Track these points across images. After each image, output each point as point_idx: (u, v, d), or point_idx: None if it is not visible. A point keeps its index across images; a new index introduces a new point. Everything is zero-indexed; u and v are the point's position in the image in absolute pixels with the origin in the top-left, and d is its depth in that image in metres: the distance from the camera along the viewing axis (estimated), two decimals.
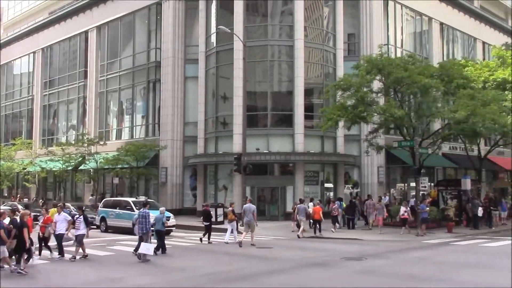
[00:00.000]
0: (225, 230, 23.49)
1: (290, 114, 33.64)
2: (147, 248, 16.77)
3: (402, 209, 26.22)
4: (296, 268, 15.64)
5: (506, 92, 30.46)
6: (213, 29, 35.91)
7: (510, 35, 49.62)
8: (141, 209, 17.99)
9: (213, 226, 28.50)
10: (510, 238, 24.57)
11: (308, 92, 34.63)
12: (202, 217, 24.13)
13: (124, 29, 42.92)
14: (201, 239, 22.49)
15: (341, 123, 29.00)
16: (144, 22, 41.62)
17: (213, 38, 36.41)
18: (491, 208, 30.43)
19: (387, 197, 32.67)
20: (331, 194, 34.71)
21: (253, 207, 22.23)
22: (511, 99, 29.91)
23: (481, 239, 24.38)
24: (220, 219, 29.22)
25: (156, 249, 18.06)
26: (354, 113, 26.99)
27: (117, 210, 28.12)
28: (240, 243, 21.14)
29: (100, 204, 30.67)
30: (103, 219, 28.79)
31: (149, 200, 24.86)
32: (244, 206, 22.57)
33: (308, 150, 33.36)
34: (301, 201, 26.85)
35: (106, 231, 28.27)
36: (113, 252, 19.54)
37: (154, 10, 40.34)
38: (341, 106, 27.54)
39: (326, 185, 35.10)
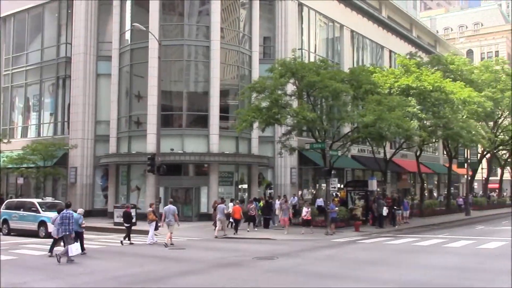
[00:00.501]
0: (138, 232, 23.06)
1: (206, 114, 33.61)
2: (76, 248, 16.67)
3: (304, 210, 26.71)
4: (209, 268, 15.65)
5: (410, 98, 32.35)
6: (128, 26, 35.09)
7: (414, 45, 52.79)
8: (64, 210, 17.35)
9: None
10: (411, 236, 26.16)
11: (223, 93, 34.78)
12: (122, 219, 23.64)
13: (32, 21, 40.83)
14: (121, 242, 22.13)
15: (255, 125, 29.41)
16: (54, 15, 39.82)
17: (128, 35, 35.57)
18: (395, 207, 32.18)
19: (295, 198, 33.48)
20: (245, 194, 35.12)
21: (174, 208, 22.38)
22: (414, 104, 31.85)
23: (386, 237, 25.71)
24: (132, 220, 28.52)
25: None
26: (268, 115, 27.48)
27: (21, 212, 26.75)
28: (166, 244, 21.27)
29: (2, 206, 28.95)
30: (5, 221, 27.32)
31: (56, 201, 23.84)
32: (165, 207, 22.74)
33: (223, 151, 33.50)
34: (223, 201, 27.36)
35: (8, 234, 26.83)
36: (16, 256, 18.51)
37: (65, 4, 38.75)
38: (256, 108, 27.93)
39: (241, 186, 35.44)
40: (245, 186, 35.72)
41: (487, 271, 15.13)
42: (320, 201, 33.33)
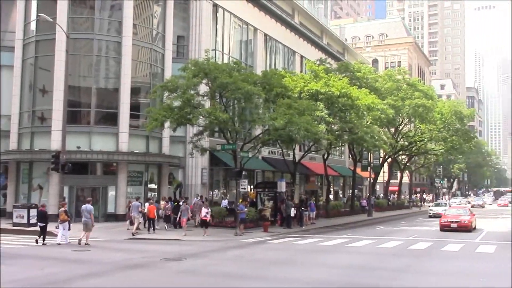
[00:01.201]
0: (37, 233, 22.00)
1: (115, 112, 32.66)
2: None
3: (204, 210, 26.19)
4: (114, 270, 15.23)
5: (318, 102, 33.49)
6: (34, 16, 33.27)
7: (324, 52, 54.66)
8: None
9: (26, 228, 26.53)
10: (317, 236, 27.05)
11: (135, 91, 33.99)
12: (36, 218, 23.39)
13: None
14: (36, 241, 21.71)
15: (167, 124, 29.04)
16: None
17: (33, 26, 33.75)
18: (302, 208, 33.13)
19: (196, 199, 33.10)
20: (155, 194, 34.54)
21: (91, 207, 22.20)
22: (322, 109, 33.02)
23: (293, 237, 26.40)
24: (33, 220, 27.09)
25: None
26: (180, 114, 27.22)
27: None
28: (79, 241, 21.10)
29: None
30: None
31: None
32: (82, 206, 22.59)
33: (132, 150, 32.73)
34: (137, 199, 27.56)
35: None
36: None
37: None
38: (168, 107, 27.58)
39: (150, 185, 34.81)
40: (155, 186, 35.14)
41: (386, 269, 16.02)
42: (225, 202, 33.47)
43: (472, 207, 66.96)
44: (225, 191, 39.98)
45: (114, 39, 33.13)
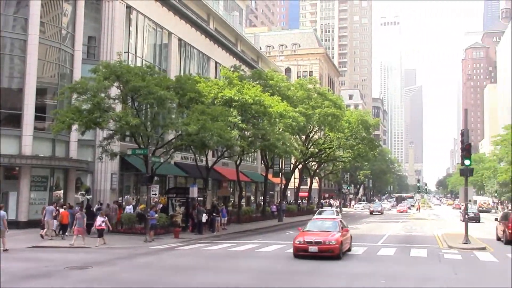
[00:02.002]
0: None
1: (19, 113, 30.94)
2: None
3: (99, 219, 24.22)
4: (15, 281, 14.42)
5: (232, 109, 33.79)
6: None
7: (239, 59, 55.25)
8: None
9: None
10: (228, 241, 27.21)
11: (41, 92, 32.39)
12: None
13: None
14: None
15: (74, 127, 27.98)
16: None
17: None
18: (214, 214, 33.19)
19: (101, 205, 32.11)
20: (61, 200, 33.06)
21: (3, 213, 21.46)
22: (236, 115, 33.35)
23: (204, 243, 26.39)
24: None
25: None
26: (89, 118, 26.32)
27: None
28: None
29: None
30: None
31: None
32: None
33: (37, 153, 31.13)
34: (55, 204, 27.49)
35: None
36: None
37: None
38: (76, 109, 26.57)
39: (56, 191, 33.27)
40: (61, 191, 33.63)
41: (294, 273, 16.47)
42: (129, 208, 32.39)
43: (371, 213, 70.25)
44: (132, 196, 38.98)
45: (20, 36, 31.42)
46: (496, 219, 31.11)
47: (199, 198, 33.52)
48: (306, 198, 70.69)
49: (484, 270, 18.13)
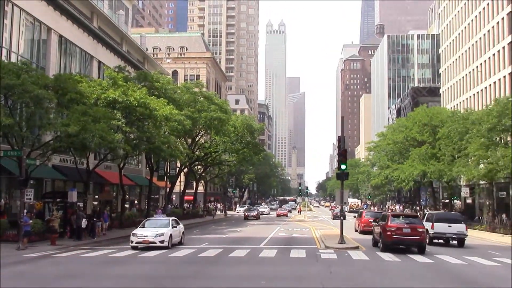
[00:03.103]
0: None
1: None
2: None
3: None
4: None
5: (116, 111, 32.83)
6: None
7: (124, 59, 53.78)
8: None
9: None
10: (109, 247, 26.35)
11: None
12: None
13: None
14: None
15: None
16: None
17: None
18: (95, 219, 31.97)
19: None
20: None
21: None
22: (120, 118, 32.45)
23: (83, 249, 25.31)
24: None
25: None
26: None
27: None
28: None
29: None
30: None
31: None
32: None
33: None
34: None
35: None
36: None
37: None
38: None
39: None
40: None
41: (174, 277, 16.42)
42: None
43: (246, 218, 63.55)
44: (4, 202, 36.29)
45: None
46: (354, 217, 38.56)
47: (78, 203, 32.07)
48: (192, 202, 70.53)
49: (356, 268, 19.39)
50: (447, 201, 63.85)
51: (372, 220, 33.57)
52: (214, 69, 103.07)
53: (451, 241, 31.26)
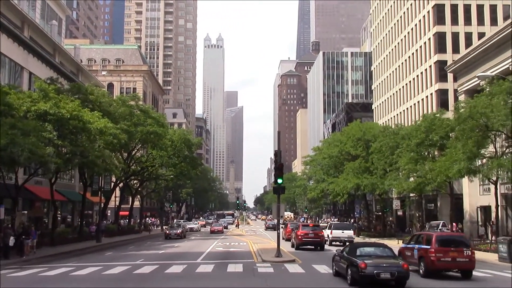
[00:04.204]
0: None
1: None
2: None
3: None
4: None
5: (47, 124, 31.69)
6: None
7: (56, 71, 52.15)
8: None
9: None
10: (39, 266, 25.26)
11: None
12: None
13: None
14: None
15: None
16: None
17: None
18: (24, 237, 30.59)
19: None
20: None
21: None
22: (51, 131, 31.33)
23: (11, 269, 24.15)
24: None
25: None
26: None
27: None
28: None
29: None
30: None
31: None
32: None
33: None
34: None
35: None
36: None
37: None
38: None
39: None
40: None
41: None
42: None
43: (167, 237, 53.48)
44: None
45: None
46: (282, 227, 41.13)
47: (6, 220, 30.58)
48: (127, 217, 68.89)
49: (292, 281, 19.61)
50: (380, 213, 65.90)
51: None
52: (151, 82, 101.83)
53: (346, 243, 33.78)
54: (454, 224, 42.61)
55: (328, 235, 42.65)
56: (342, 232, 42.80)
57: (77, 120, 33.12)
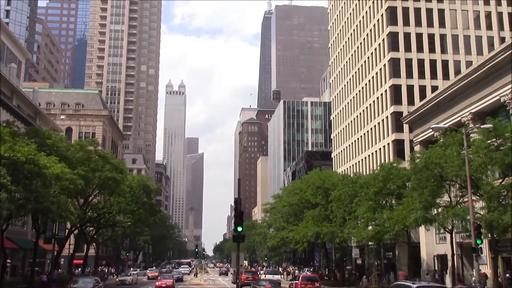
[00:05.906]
0: None
1: None
2: None
3: None
4: None
5: (0, 167, 30.73)
6: None
7: (13, 114, 51.13)
8: None
9: None
10: None
11: None
12: None
13: None
14: None
15: None
16: None
17: None
18: None
19: None
20: None
21: None
22: (5, 175, 30.36)
23: None
24: None
25: None
26: None
27: None
28: None
29: None
30: None
31: None
32: None
33: None
34: None
35: None
36: None
37: None
38: None
39: None
40: None
41: None
42: None
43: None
44: None
45: None
46: (231, 273, 53.47)
47: None
48: (82, 266, 66.41)
49: None
50: (339, 261, 65.88)
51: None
52: (111, 127, 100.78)
53: None
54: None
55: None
56: (273, 276, 59.16)
57: (32, 164, 32.29)
